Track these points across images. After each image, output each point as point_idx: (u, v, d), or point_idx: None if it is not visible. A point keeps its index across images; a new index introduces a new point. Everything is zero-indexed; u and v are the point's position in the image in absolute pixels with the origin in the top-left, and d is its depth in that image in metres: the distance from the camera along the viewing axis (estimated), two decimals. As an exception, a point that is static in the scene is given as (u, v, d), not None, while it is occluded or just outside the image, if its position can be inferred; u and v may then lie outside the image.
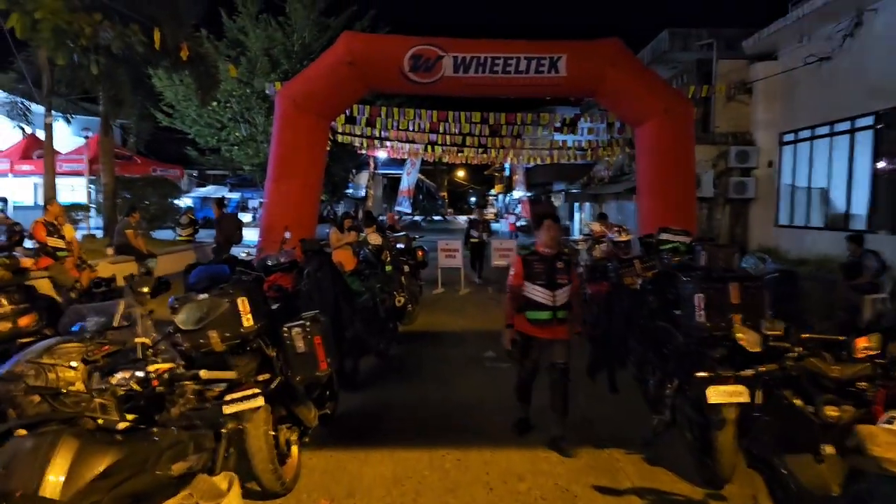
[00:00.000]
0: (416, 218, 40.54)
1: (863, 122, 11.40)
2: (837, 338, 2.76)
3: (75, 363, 2.07)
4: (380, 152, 22.69)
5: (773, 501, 2.74)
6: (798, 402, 2.67)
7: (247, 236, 15.07)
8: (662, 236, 7.34)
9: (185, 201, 25.78)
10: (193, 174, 30.92)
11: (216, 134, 20.38)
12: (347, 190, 28.75)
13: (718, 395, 3.57)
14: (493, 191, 59.61)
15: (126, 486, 2.01)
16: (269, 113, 15.42)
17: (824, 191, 12.76)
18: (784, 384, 2.81)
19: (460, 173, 62.56)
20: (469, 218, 17.39)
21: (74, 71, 13.11)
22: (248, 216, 29.86)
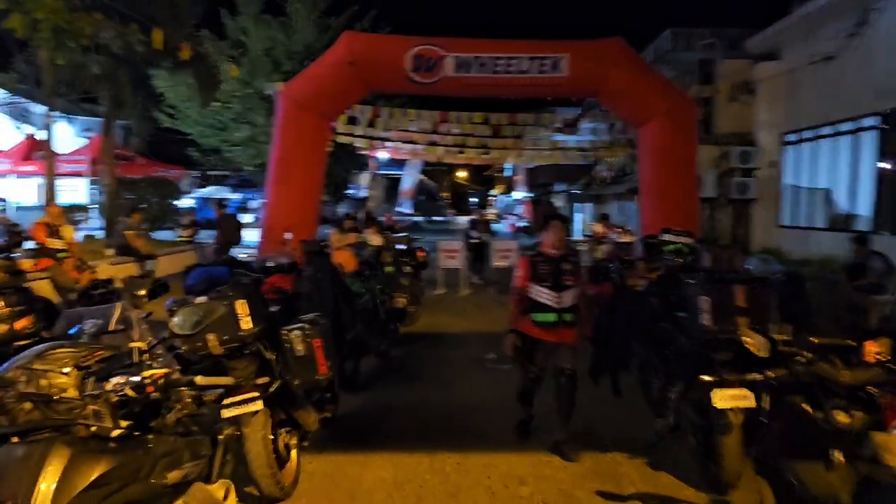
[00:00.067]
0: (417, 218, 40.47)
1: (867, 123, 11.33)
2: (847, 342, 2.70)
3: (68, 369, 2.02)
4: (381, 153, 22.64)
5: (781, 509, 2.69)
6: (807, 408, 2.62)
7: (247, 237, 15.03)
8: (665, 237, 7.28)
9: (187, 202, 25.77)
10: (195, 175, 30.88)
11: (217, 134, 20.36)
12: (348, 191, 28.73)
13: (724, 400, 3.52)
14: (494, 191, 59.51)
15: (120, 496, 1.97)
16: (271, 113, 15.35)
17: (827, 191, 12.69)
18: (792, 389, 2.76)
19: (461, 174, 62.42)
20: (469, 219, 17.26)
21: (75, 71, 13.11)
22: (249, 217, 29.83)
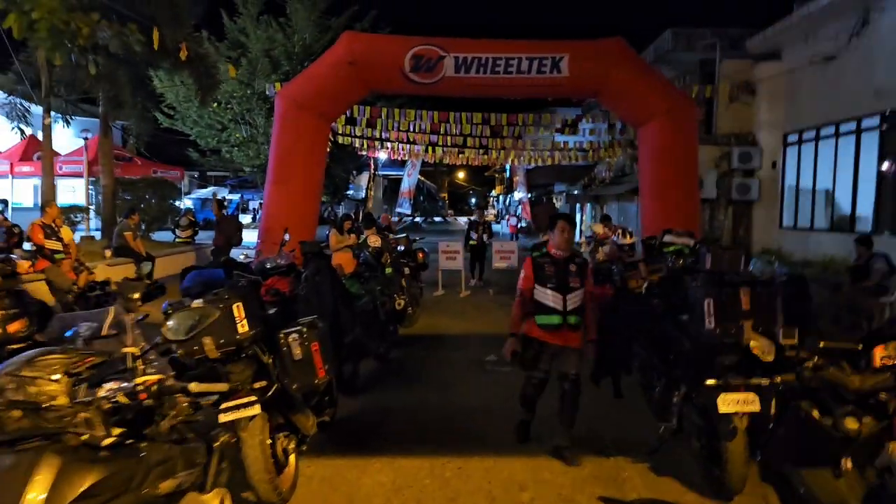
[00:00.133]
0: (417, 219, 40.45)
1: (869, 123, 11.29)
2: (855, 346, 2.65)
3: (58, 376, 1.97)
4: (380, 153, 22.62)
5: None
6: (815, 414, 2.57)
7: (247, 238, 15.00)
8: (666, 238, 7.25)
9: (186, 202, 25.74)
10: (194, 175, 30.86)
11: (217, 135, 20.33)
12: (348, 191, 28.70)
13: (729, 404, 3.46)
14: (494, 192, 59.51)
15: (111, 506, 1.91)
16: (270, 114, 15.35)
17: (829, 192, 12.63)
18: (799, 394, 2.71)
19: (461, 174, 62.49)
20: (469, 219, 17.13)
21: (74, 71, 13.05)
22: (248, 217, 29.83)
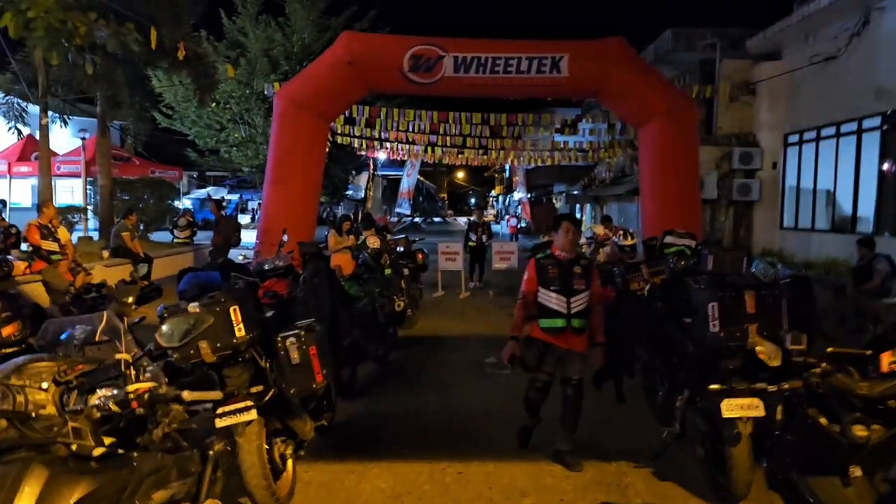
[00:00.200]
0: (416, 219, 40.40)
1: (870, 124, 11.25)
2: (864, 353, 2.60)
3: (46, 384, 1.91)
4: (379, 153, 22.56)
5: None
6: (823, 421, 2.51)
7: (246, 238, 14.93)
8: (667, 239, 7.20)
9: (185, 203, 25.67)
10: (193, 175, 30.80)
11: (215, 135, 20.27)
12: (347, 192, 28.64)
13: (733, 409, 3.41)
14: (494, 192, 59.47)
15: (101, 519, 1.85)
16: (269, 114, 15.29)
17: (830, 193, 12.60)
18: (806, 400, 2.65)
19: (460, 175, 62.46)
20: (468, 220, 16.98)
21: (71, 71, 12.98)
22: (247, 218, 29.77)
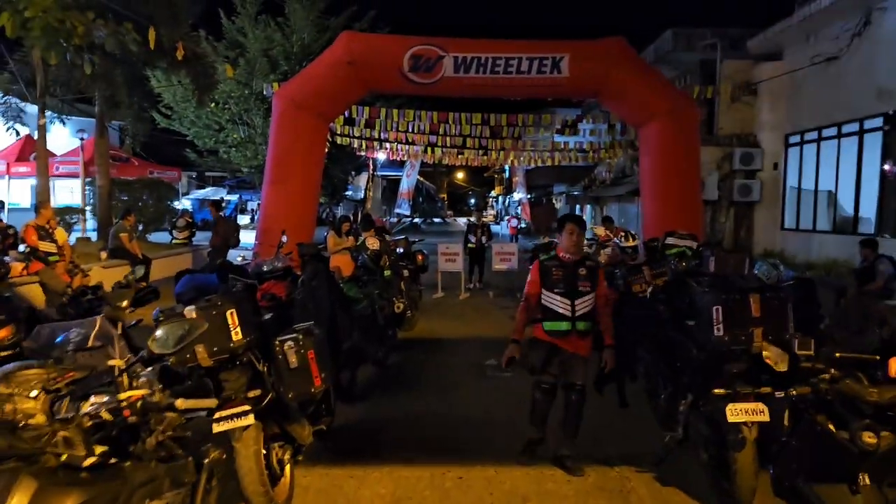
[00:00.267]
0: (416, 220, 40.33)
1: (871, 124, 11.21)
2: (872, 357, 2.55)
3: (35, 392, 1.85)
4: (379, 154, 22.51)
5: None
6: (831, 427, 2.46)
7: (245, 239, 14.86)
8: (668, 241, 7.15)
9: (185, 203, 25.60)
10: (192, 176, 30.72)
11: (214, 135, 20.20)
12: (346, 192, 28.58)
13: (737, 414, 3.35)
14: (493, 193, 59.42)
15: (92, 531, 1.80)
16: (268, 114, 15.22)
17: (831, 194, 12.56)
18: (814, 407, 2.60)
19: (460, 175, 62.42)
20: (467, 221, 16.88)
21: (69, 71, 12.93)
22: (247, 218, 29.71)
